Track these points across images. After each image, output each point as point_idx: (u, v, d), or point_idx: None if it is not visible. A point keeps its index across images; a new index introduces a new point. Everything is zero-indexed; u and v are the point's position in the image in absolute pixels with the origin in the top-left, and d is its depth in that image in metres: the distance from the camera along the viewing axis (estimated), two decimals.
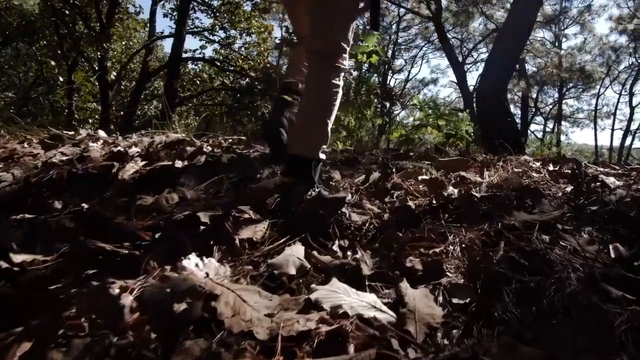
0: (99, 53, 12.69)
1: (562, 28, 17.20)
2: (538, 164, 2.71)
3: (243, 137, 3.14)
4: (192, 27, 15.64)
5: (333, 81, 1.67)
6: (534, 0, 7.83)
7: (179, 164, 1.87)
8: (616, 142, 19.05)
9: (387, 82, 16.61)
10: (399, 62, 18.58)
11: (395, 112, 16.66)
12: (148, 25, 15.43)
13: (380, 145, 6.29)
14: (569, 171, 2.34)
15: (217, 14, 15.38)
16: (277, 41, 15.97)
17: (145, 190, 1.56)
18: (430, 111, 6.43)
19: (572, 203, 1.62)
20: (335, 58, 1.67)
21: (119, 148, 2.20)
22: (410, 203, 1.55)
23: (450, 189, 1.79)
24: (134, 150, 2.20)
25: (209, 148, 2.48)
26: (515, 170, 2.34)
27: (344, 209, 1.41)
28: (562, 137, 19.12)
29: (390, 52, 16.68)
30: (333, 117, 1.70)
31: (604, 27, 73.90)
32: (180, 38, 12.25)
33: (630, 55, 17.84)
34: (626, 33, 16.99)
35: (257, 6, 14.38)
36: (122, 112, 14.79)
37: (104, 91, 12.99)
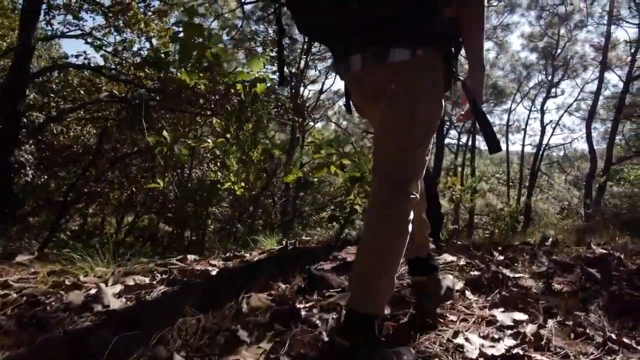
0: None
1: None
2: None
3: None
4: (74, 28, 13.66)
5: (402, 213, 1.42)
6: None
7: None
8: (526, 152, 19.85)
9: (300, 95, 15.63)
10: (312, 73, 17.72)
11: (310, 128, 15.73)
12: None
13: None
14: None
15: (109, 14, 13.56)
16: None
17: None
18: (332, 149, 5.35)
19: None
20: (407, 185, 1.44)
21: None
22: None
23: None
24: None
25: None
26: None
27: None
28: (476, 151, 19.37)
29: (302, 62, 15.70)
30: (400, 259, 1.43)
31: (517, 43, 78.95)
32: (27, 48, 8.72)
33: (539, 72, 18.45)
34: (537, 50, 17.50)
35: (149, 8, 12.75)
36: None
37: None
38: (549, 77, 17.54)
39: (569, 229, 9.32)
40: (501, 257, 2.73)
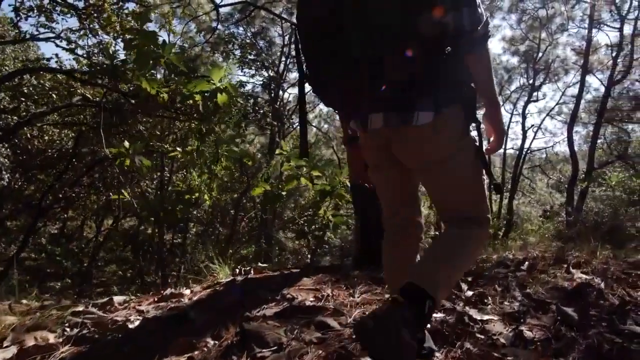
0: None
1: None
2: None
3: None
4: (46, 30, 13.21)
5: (480, 237, 1.59)
6: None
7: None
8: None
9: (280, 99, 15.29)
10: (293, 76, 17.34)
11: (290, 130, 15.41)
12: None
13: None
14: None
15: (83, 16, 13.10)
16: None
17: None
18: (302, 161, 5.08)
19: None
20: (477, 221, 1.55)
21: None
22: None
23: None
24: None
25: None
26: None
27: None
28: None
29: (282, 65, 15.38)
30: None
31: (498, 46, 79.37)
32: None
33: (521, 75, 18.38)
34: (518, 54, 17.42)
35: (122, 10, 12.36)
36: None
37: None
38: (531, 81, 17.52)
39: (550, 236, 9.18)
40: (470, 293, 2.48)
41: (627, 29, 14.31)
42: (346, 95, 1.44)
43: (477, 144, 1.54)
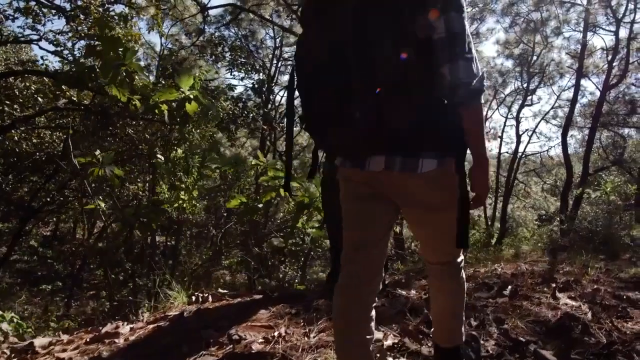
0: None
1: None
2: None
3: None
4: (32, 33, 12.95)
5: (461, 281, 1.75)
6: None
7: None
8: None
9: (271, 102, 15.01)
10: (285, 78, 17.06)
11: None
12: None
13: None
14: None
15: (71, 18, 12.83)
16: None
17: None
18: (279, 172, 4.84)
19: None
20: (452, 263, 1.71)
21: None
22: None
23: None
24: None
25: None
26: None
27: None
28: None
29: (273, 68, 15.10)
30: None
31: (492, 49, 79.57)
32: None
33: (515, 79, 18.13)
34: (512, 57, 17.18)
35: (108, 12, 12.10)
36: None
37: None
38: (525, 85, 17.26)
39: (543, 244, 8.96)
40: None
41: (623, 33, 14.11)
42: (345, 137, 1.42)
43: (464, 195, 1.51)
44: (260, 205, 4.98)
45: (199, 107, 4.19)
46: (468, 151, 1.47)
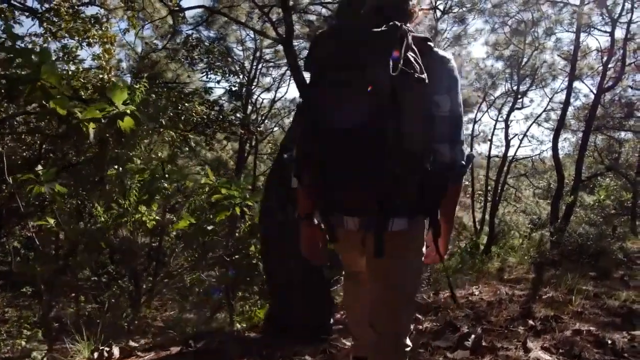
0: None
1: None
2: None
3: None
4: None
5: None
6: None
7: None
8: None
9: (253, 105, 14.52)
10: (267, 80, 16.56)
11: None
12: None
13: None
14: None
15: (43, 19, 12.38)
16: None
17: None
18: (233, 191, 4.42)
19: None
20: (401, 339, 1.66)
21: None
22: None
23: None
24: None
25: None
26: None
27: None
28: None
29: (254, 71, 14.58)
30: None
31: (481, 51, 77.73)
32: None
33: (506, 81, 17.69)
34: (502, 59, 16.72)
35: (78, 15, 11.67)
36: None
37: None
38: (515, 87, 16.78)
39: (529, 258, 8.52)
40: None
41: (619, 33, 13.69)
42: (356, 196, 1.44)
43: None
44: (210, 228, 4.53)
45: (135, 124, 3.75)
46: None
